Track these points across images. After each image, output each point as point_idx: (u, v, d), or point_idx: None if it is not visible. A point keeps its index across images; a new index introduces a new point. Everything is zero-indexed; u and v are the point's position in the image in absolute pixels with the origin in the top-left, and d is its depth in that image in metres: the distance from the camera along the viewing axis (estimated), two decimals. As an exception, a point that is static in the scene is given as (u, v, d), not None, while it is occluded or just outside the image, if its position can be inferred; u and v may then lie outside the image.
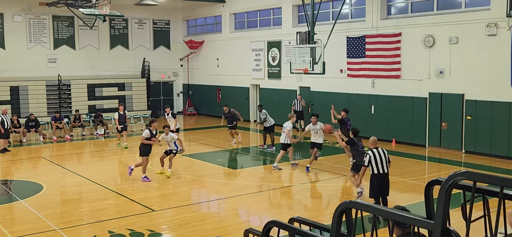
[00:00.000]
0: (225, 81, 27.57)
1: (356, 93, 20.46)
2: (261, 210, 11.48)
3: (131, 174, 14.07)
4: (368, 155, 9.97)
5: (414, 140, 18.38)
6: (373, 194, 9.99)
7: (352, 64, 20.46)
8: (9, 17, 24.94)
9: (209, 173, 15.64)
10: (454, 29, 16.98)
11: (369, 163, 9.92)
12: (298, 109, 22.16)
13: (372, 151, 9.99)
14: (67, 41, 26.55)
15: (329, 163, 15.98)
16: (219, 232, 9.52)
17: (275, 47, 24.16)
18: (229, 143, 19.75)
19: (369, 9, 19.72)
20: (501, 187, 2.90)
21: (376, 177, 9.92)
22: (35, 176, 14.84)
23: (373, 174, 9.95)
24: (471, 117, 16.77)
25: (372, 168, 9.92)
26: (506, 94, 15.76)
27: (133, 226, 9.84)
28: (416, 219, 3.14)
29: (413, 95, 18.41)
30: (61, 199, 12.53)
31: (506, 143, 15.90)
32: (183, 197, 12.42)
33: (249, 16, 26.35)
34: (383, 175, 9.92)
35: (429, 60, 17.80)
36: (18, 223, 10.53)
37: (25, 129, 20.89)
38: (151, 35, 29.47)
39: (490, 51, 16.04)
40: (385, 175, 9.96)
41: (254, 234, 5.73)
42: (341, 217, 3.57)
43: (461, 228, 3.10)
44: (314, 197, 12.46)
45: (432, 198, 3.52)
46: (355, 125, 20.64)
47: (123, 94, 26.95)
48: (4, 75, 24.46)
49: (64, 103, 25.24)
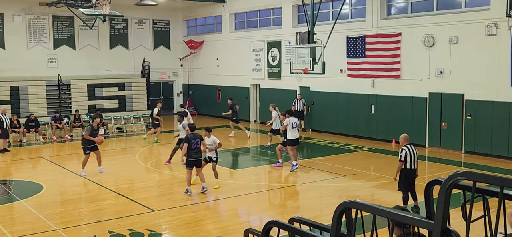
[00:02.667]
0: (225, 81, 27.57)
1: (356, 93, 20.47)
2: (261, 210, 11.48)
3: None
4: (404, 150, 10.40)
5: (414, 140, 18.28)
6: (403, 187, 10.54)
7: (352, 64, 20.46)
8: (9, 17, 24.94)
9: (209, 173, 15.63)
10: (454, 29, 16.98)
11: (405, 158, 10.38)
12: (298, 108, 22.18)
13: (407, 147, 10.43)
14: (67, 41, 26.55)
15: (329, 163, 15.98)
16: (219, 232, 9.52)
17: (275, 47, 24.16)
18: (229, 143, 19.76)
19: (369, 9, 19.72)
20: (501, 187, 2.90)
21: (408, 172, 10.44)
22: (35, 176, 14.84)
23: (405, 168, 10.44)
24: (471, 117, 16.78)
25: (406, 163, 10.40)
26: (506, 94, 15.76)
27: (133, 226, 9.84)
28: (416, 219, 3.15)
29: (413, 95, 18.41)
30: (61, 199, 12.53)
31: (506, 143, 15.90)
32: (183, 197, 12.41)
33: (249, 16, 26.35)
34: (414, 171, 10.50)
35: (429, 60, 17.81)
36: (18, 223, 10.53)
37: (25, 129, 20.88)
38: (151, 35, 29.47)
39: (490, 51, 16.04)
40: (415, 171, 10.54)
41: (254, 234, 5.73)
42: (341, 217, 3.57)
43: (461, 228, 3.10)
44: (314, 197, 12.46)
45: (432, 198, 3.52)
46: (355, 125, 20.89)
47: (123, 94, 26.95)
48: (4, 75, 24.45)
49: (64, 103, 25.23)
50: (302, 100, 22.42)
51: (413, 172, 10.49)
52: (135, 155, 17.88)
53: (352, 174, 14.39)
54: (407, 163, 10.39)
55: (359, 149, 18.34)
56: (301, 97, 22.47)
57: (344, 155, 17.50)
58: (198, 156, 12.37)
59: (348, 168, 15.07)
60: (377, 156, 17.26)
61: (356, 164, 15.80)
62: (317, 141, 20.37)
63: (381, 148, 18.33)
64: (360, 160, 16.51)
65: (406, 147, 10.43)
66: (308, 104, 22.52)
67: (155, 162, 16.77)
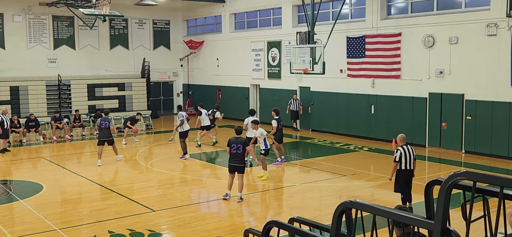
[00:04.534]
0: (225, 81, 27.57)
1: (356, 93, 20.47)
2: (261, 210, 11.48)
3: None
4: (399, 151, 10.32)
5: (414, 140, 18.33)
6: (399, 188, 10.48)
7: (352, 64, 20.46)
8: (9, 17, 24.94)
9: (209, 173, 15.65)
10: (454, 29, 16.98)
11: (400, 159, 10.30)
12: (294, 108, 22.25)
13: (403, 148, 10.36)
14: (67, 41, 26.55)
15: (329, 163, 15.98)
16: (219, 232, 9.51)
17: (275, 47, 24.16)
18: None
19: (369, 9, 19.72)
20: (501, 187, 2.90)
21: (404, 172, 10.37)
22: (35, 176, 14.83)
23: (400, 169, 10.37)
24: (471, 117, 16.77)
25: (401, 164, 10.33)
26: (506, 94, 15.76)
27: (133, 226, 9.84)
28: (416, 219, 3.14)
29: (413, 95, 18.41)
30: (61, 199, 12.53)
31: (506, 143, 15.90)
32: (183, 197, 12.42)
33: (249, 16, 26.35)
34: (410, 171, 10.41)
35: (429, 60, 17.80)
36: (18, 223, 10.53)
37: (25, 129, 20.89)
38: (151, 35, 29.47)
39: (490, 51, 16.04)
40: (411, 172, 10.43)
41: (254, 234, 5.73)
42: (341, 217, 3.57)
43: (461, 228, 3.10)
44: (314, 197, 12.46)
45: (432, 198, 3.52)
46: (355, 125, 20.89)
47: (123, 94, 26.97)
48: (4, 75, 24.46)
49: (64, 103, 25.24)
50: (298, 100, 22.52)
51: (409, 172, 10.41)
52: (135, 155, 17.89)
53: (352, 174, 14.39)
54: (402, 164, 10.32)
55: (359, 149, 18.34)
56: (297, 97, 22.56)
57: (344, 155, 17.49)
58: (238, 163, 11.55)
59: (348, 168, 15.07)
60: (377, 156, 17.26)
61: (356, 164, 15.80)
62: (317, 141, 20.37)
63: (381, 148, 18.33)
64: (360, 160, 16.51)
65: (401, 148, 10.36)
66: (308, 104, 22.52)
67: (155, 162, 16.77)
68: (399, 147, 10.40)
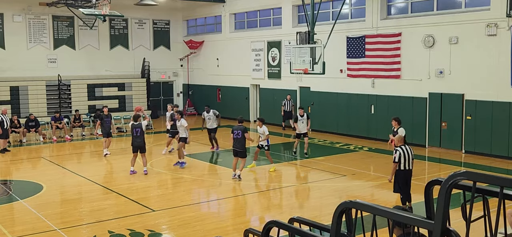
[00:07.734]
0: (225, 81, 27.57)
1: (356, 93, 20.47)
2: (261, 210, 11.48)
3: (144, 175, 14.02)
4: (398, 151, 10.30)
5: (414, 140, 18.35)
6: (398, 188, 10.48)
7: (352, 64, 20.46)
8: (9, 17, 24.94)
9: (209, 173, 15.65)
10: (454, 29, 16.98)
11: (399, 159, 10.29)
12: (287, 109, 22.32)
13: (402, 148, 10.35)
14: (67, 41, 26.55)
15: (329, 163, 15.98)
16: (219, 232, 9.51)
17: (275, 47, 24.16)
18: (229, 144, 19.72)
19: (369, 9, 19.72)
20: (501, 187, 2.90)
21: (403, 173, 10.36)
22: (35, 176, 14.83)
23: (399, 170, 10.35)
24: (471, 117, 16.78)
25: (400, 164, 10.32)
26: (506, 94, 15.76)
27: (133, 226, 9.84)
28: (416, 219, 3.14)
29: (413, 95, 18.41)
30: (61, 199, 12.53)
31: (506, 143, 15.90)
32: (183, 197, 12.42)
33: (249, 16, 26.35)
34: (409, 172, 10.40)
35: (429, 60, 17.80)
36: (18, 223, 10.53)
37: (25, 129, 20.88)
38: (151, 35, 29.47)
39: (490, 51, 16.04)
40: (410, 172, 10.43)
41: (254, 234, 5.73)
42: (341, 217, 3.57)
43: (461, 228, 3.10)
44: (314, 197, 12.46)
45: (432, 198, 3.52)
46: (355, 125, 20.87)
47: (123, 94, 26.97)
48: (4, 75, 24.46)
49: (64, 103, 25.25)
50: (291, 101, 22.61)
51: (408, 173, 10.41)
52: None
53: (352, 174, 14.39)
54: (402, 164, 10.31)
55: (359, 149, 18.34)
56: (290, 97, 22.66)
57: (344, 155, 17.49)
58: (238, 148, 13.57)
59: (348, 168, 15.07)
60: (377, 156, 17.26)
61: (356, 164, 15.80)
62: (317, 141, 20.36)
63: (381, 148, 18.32)
64: (360, 160, 16.51)
65: (400, 148, 10.36)
66: (308, 104, 22.51)
67: (155, 162, 16.76)
68: (398, 147, 10.41)
